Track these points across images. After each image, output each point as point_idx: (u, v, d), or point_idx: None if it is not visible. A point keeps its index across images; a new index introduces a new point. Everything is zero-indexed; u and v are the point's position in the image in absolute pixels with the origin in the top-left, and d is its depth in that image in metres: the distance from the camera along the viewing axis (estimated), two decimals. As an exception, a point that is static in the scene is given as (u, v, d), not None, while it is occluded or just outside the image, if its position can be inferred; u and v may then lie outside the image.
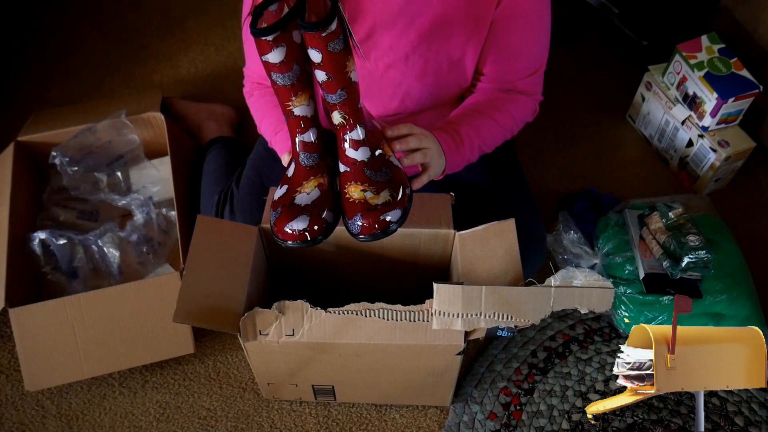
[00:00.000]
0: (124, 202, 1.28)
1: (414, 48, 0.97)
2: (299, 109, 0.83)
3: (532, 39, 1.01)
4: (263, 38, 0.75)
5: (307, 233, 0.82)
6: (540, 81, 1.08)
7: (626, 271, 1.18)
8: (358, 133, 0.84)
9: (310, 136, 0.85)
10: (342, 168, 0.86)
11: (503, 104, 1.04)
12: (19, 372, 1.14)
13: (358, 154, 0.85)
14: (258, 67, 1.03)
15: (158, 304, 1.10)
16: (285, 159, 0.93)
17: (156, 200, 1.30)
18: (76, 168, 1.29)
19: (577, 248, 1.23)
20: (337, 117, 0.84)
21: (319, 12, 0.77)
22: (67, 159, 1.28)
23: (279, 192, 0.87)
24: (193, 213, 1.26)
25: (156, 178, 1.33)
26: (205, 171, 1.31)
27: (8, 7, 1.74)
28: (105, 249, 1.21)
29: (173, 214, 1.26)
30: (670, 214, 1.18)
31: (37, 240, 1.19)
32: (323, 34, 0.74)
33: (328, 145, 0.88)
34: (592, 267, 1.22)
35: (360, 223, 0.82)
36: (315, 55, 0.77)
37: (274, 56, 0.77)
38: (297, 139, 0.85)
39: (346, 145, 0.85)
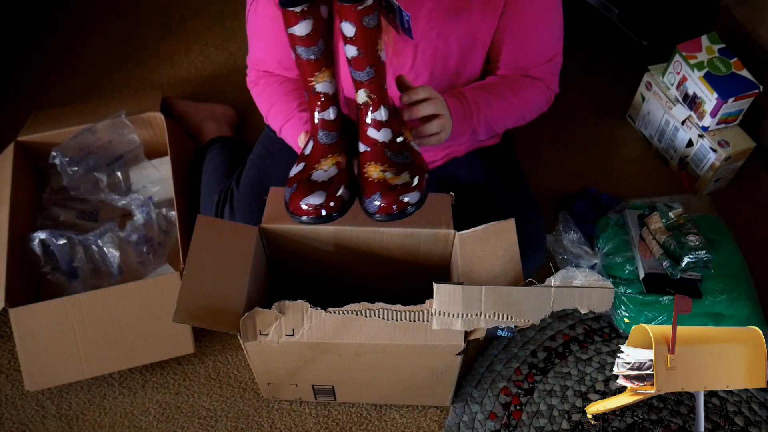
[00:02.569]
0: (124, 202, 1.28)
1: (424, 34, 0.96)
2: (321, 86, 0.82)
3: (544, 20, 1.00)
4: (291, 9, 0.75)
5: (323, 209, 0.82)
6: (556, 71, 1.07)
7: (626, 271, 1.18)
8: (382, 114, 0.84)
9: (330, 114, 0.84)
10: (362, 148, 0.86)
11: (517, 86, 1.04)
12: (19, 372, 1.14)
13: (380, 135, 0.84)
14: (264, 54, 1.03)
15: (158, 304, 1.10)
16: (302, 139, 0.93)
17: (156, 200, 1.30)
18: (76, 168, 1.29)
19: (577, 248, 1.22)
20: (362, 95, 0.83)
21: None
22: (67, 159, 1.28)
23: (295, 169, 0.87)
24: (193, 213, 1.26)
25: (156, 178, 1.33)
26: (204, 171, 1.31)
27: (8, 7, 1.74)
28: (105, 249, 1.21)
29: (173, 214, 1.26)
30: (670, 214, 1.18)
31: (37, 240, 1.19)
32: (359, 8, 0.74)
33: (346, 128, 0.87)
34: (592, 267, 1.22)
35: (378, 203, 0.82)
36: (348, 29, 0.77)
37: (301, 28, 0.77)
38: (317, 116, 0.85)
39: (369, 124, 0.84)
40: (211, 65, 1.65)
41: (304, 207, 0.82)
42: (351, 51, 0.79)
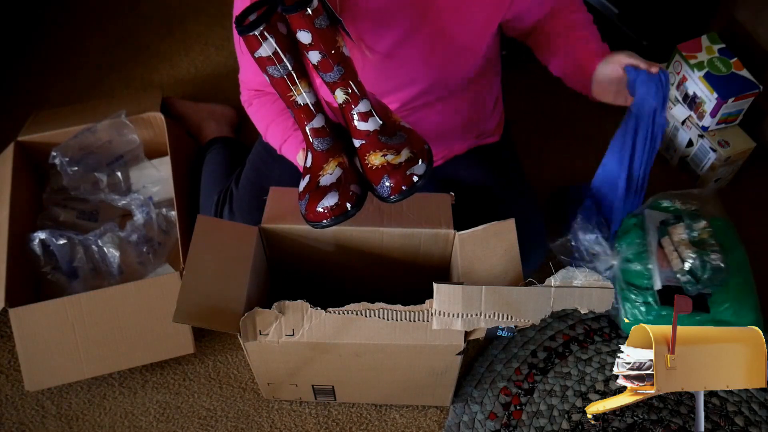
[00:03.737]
0: (124, 202, 1.28)
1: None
2: (301, 98, 0.83)
3: None
4: (250, 33, 0.77)
5: (339, 207, 0.83)
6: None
7: (645, 282, 1.16)
8: (365, 105, 0.85)
9: (318, 121, 0.86)
10: (357, 143, 0.87)
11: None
12: (19, 372, 1.14)
13: (369, 125, 0.86)
14: (253, 75, 1.04)
15: (158, 304, 1.10)
16: (301, 157, 0.94)
17: (156, 200, 1.30)
18: (76, 168, 1.29)
19: (595, 247, 1.19)
20: (340, 95, 0.84)
21: None
22: (67, 159, 1.28)
23: (302, 183, 0.88)
24: (193, 213, 1.26)
25: (156, 178, 1.33)
26: (204, 171, 1.31)
27: (8, 8, 1.74)
28: (105, 249, 1.21)
29: (173, 214, 1.26)
30: (695, 227, 1.17)
31: (37, 240, 1.19)
32: (307, 13, 0.76)
33: (338, 131, 0.89)
34: (609, 268, 1.20)
35: (389, 184, 0.83)
36: (305, 37, 0.78)
37: (264, 50, 0.79)
38: (307, 128, 0.86)
39: (355, 119, 0.85)
40: (211, 65, 1.65)
41: (321, 211, 0.84)
42: (315, 56, 0.80)
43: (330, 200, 0.83)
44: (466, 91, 1.07)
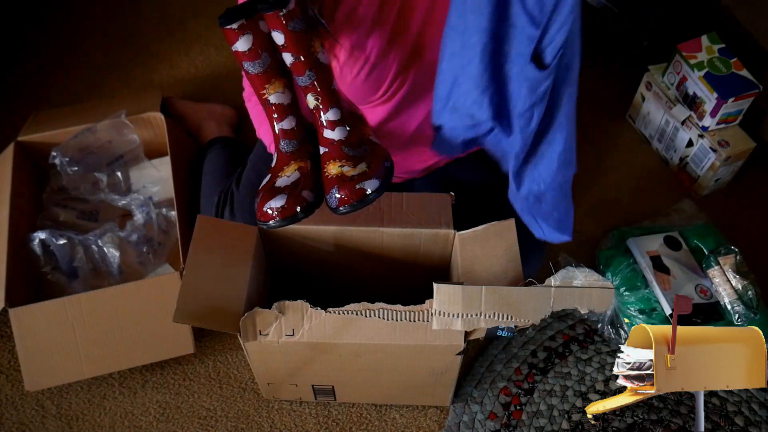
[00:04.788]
0: (124, 202, 1.28)
1: None
2: (274, 97, 0.84)
3: None
4: (228, 27, 0.78)
5: (285, 210, 0.83)
6: None
7: (642, 306, 1.16)
8: (334, 114, 0.85)
9: (289, 123, 0.86)
10: (322, 150, 0.87)
11: None
12: (19, 372, 1.14)
13: (335, 134, 0.86)
14: None
15: (158, 304, 1.10)
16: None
17: (156, 200, 1.30)
18: (76, 168, 1.29)
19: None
20: (311, 100, 0.85)
21: None
22: (67, 159, 1.28)
23: (263, 181, 0.89)
24: (193, 213, 1.26)
25: (156, 178, 1.33)
26: (205, 171, 1.31)
27: (9, 7, 1.74)
28: (105, 249, 1.21)
29: (173, 214, 1.26)
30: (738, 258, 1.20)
31: (37, 240, 1.19)
32: (281, 14, 0.76)
33: (312, 136, 0.89)
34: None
35: (337, 196, 0.84)
36: (278, 37, 0.79)
37: (242, 44, 0.79)
38: (276, 127, 0.87)
39: (324, 126, 0.86)
40: (211, 65, 1.65)
41: (267, 211, 0.84)
42: (288, 58, 0.81)
43: (277, 202, 0.84)
44: None
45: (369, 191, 0.84)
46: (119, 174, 1.33)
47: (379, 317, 0.86)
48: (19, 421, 1.13)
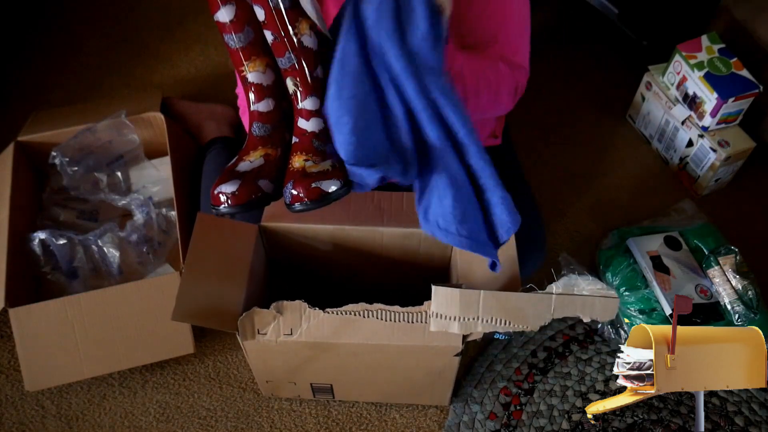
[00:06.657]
0: (124, 202, 1.28)
1: None
2: (253, 75, 0.80)
3: None
4: None
5: (236, 198, 0.79)
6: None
7: (641, 306, 1.16)
8: (312, 103, 0.80)
9: (266, 106, 0.82)
10: (294, 140, 0.83)
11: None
12: (19, 372, 1.14)
13: (309, 125, 0.81)
14: None
15: (158, 304, 1.10)
16: None
17: (156, 200, 1.30)
18: (76, 168, 1.29)
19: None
20: (290, 84, 0.80)
21: None
22: (67, 159, 1.28)
23: (230, 163, 0.84)
24: (193, 213, 1.24)
25: (156, 178, 1.33)
26: (205, 171, 1.31)
27: (9, 8, 1.74)
28: (105, 249, 1.21)
29: (173, 214, 1.26)
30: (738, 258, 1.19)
31: (37, 240, 1.19)
32: None
33: (288, 122, 0.85)
34: None
35: (292, 192, 0.79)
36: (259, 12, 0.76)
37: (224, 14, 0.76)
38: (252, 107, 0.82)
39: (299, 115, 0.81)
40: (211, 65, 1.65)
41: (217, 194, 0.79)
42: (268, 36, 0.77)
43: (229, 187, 0.78)
44: None
45: (326, 191, 0.78)
46: (119, 174, 1.33)
47: (377, 318, 0.86)
48: (19, 421, 1.13)
